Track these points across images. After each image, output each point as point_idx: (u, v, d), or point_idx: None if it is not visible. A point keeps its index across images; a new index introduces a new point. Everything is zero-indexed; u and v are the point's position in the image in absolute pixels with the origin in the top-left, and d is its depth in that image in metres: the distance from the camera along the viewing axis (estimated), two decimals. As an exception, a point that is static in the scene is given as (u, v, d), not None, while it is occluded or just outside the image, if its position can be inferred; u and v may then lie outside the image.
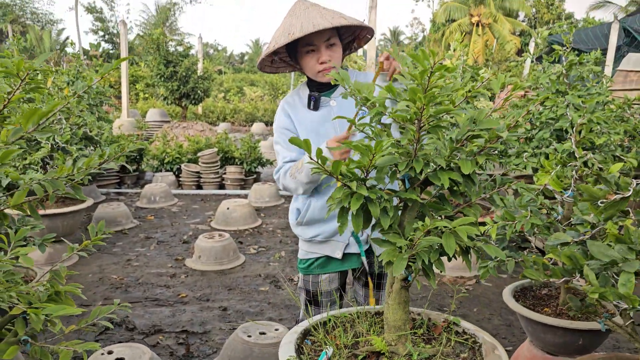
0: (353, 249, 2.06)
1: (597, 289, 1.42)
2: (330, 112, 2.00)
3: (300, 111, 2.02)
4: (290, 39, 1.82)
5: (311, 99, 1.99)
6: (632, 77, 6.06)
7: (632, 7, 25.99)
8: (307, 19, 1.85)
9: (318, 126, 1.99)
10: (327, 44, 1.92)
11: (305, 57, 1.95)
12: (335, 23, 1.82)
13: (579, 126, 2.45)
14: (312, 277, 2.12)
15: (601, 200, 1.53)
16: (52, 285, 1.53)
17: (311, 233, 2.05)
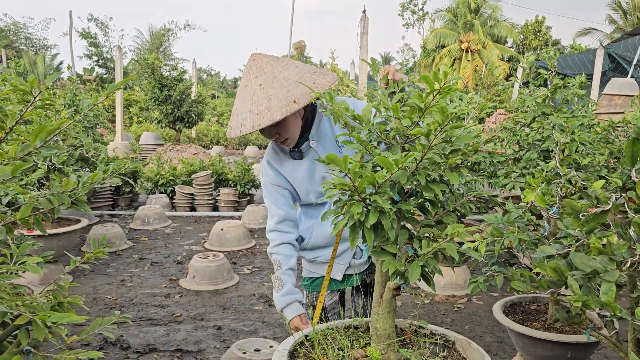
0: (351, 271, 2.15)
1: (580, 297, 1.48)
2: (314, 154, 2.02)
3: (288, 163, 2.04)
4: (243, 132, 1.80)
5: (294, 154, 2.01)
6: (617, 100, 6.23)
7: (616, 33, 26.65)
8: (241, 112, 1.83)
9: (311, 172, 2.03)
10: (275, 129, 1.89)
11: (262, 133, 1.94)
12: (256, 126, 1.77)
13: (563, 145, 2.54)
14: (316, 293, 2.22)
15: (582, 213, 1.60)
16: (54, 297, 1.57)
17: (314, 255, 2.16)
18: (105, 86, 1.45)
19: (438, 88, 1.32)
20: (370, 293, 2.25)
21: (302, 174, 2.04)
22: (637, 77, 10.55)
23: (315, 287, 2.21)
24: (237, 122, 1.85)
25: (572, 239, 1.91)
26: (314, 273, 2.20)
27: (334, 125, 2.04)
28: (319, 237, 2.11)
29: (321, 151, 2.02)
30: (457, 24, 29.16)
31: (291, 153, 2.02)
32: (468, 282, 2.31)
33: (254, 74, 1.87)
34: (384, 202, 1.28)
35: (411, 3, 34.39)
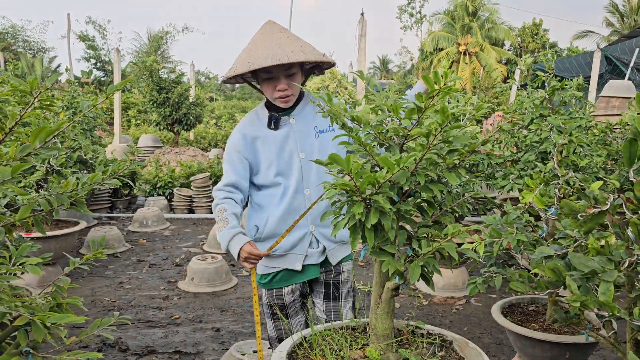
0: (311, 260, 2.11)
1: (579, 297, 1.48)
2: (290, 130, 2.08)
3: (263, 131, 2.09)
4: (249, 68, 1.90)
5: (272, 119, 2.07)
6: (614, 102, 6.25)
7: (614, 36, 26.74)
8: (268, 49, 1.92)
9: (282, 143, 2.06)
10: (286, 73, 1.99)
11: (264, 83, 2.03)
12: (292, 59, 1.89)
13: (560, 146, 2.55)
14: (276, 290, 2.15)
15: (580, 214, 1.61)
16: (53, 298, 1.57)
17: (269, 246, 2.09)
18: (103, 89, 1.46)
19: (438, 88, 1.33)
20: (332, 295, 2.22)
21: (272, 146, 2.06)
22: (634, 80, 10.59)
23: (275, 283, 2.14)
24: (264, 55, 1.89)
25: (570, 239, 1.92)
26: (271, 268, 2.13)
27: (317, 115, 2.10)
28: (274, 223, 2.06)
29: (297, 131, 2.08)
30: (454, 27, 29.22)
31: (271, 117, 2.06)
32: (467, 284, 2.32)
33: (278, 29, 2.02)
34: (384, 202, 1.29)
35: (409, 6, 34.46)
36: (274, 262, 2.12)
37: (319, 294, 2.24)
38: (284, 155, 2.06)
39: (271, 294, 2.17)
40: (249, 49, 1.99)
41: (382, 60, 45.48)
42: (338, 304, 2.22)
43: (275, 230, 2.07)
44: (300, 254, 2.09)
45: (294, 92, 2.04)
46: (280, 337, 2.22)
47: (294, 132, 2.08)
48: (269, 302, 2.19)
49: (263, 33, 2.03)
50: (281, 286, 2.14)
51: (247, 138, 2.09)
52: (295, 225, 2.06)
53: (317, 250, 2.12)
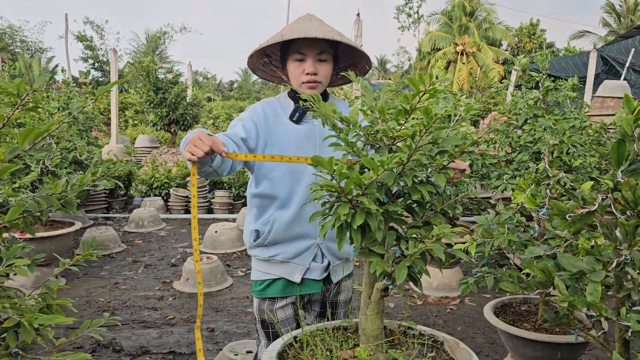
0: (313, 275, 1.94)
1: (567, 297, 1.49)
2: (313, 130, 1.92)
3: (282, 119, 1.92)
4: (280, 39, 1.78)
5: (298, 110, 1.90)
6: (609, 102, 6.27)
7: (610, 36, 26.80)
8: (303, 27, 1.82)
9: (302, 140, 1.89)
10: (317, 57, 1.86)
11: (292, 64, 1.88)
12: (328, 36, 1.77)
13: (552, 147, 2.56)
14: (268, 303, 1.95)
15: (569, 214, 1.62)
16: (43, 299, 1.57)
17: (271, 252, 1.92)
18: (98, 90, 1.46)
19: (424, 89, 1.34)
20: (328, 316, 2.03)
21: (290, 139, 1.88)
22: (629, 80, 10.62)
23: (271, 292, 1.94)
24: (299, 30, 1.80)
25: (560, 239, 1.93)
26: (269, 274, 1.94)
27: None
28: (280, 229, 1.88)
29: (319, 132, 1.92)
30: (452, 27, 29.26)
31: (297, 108, 1.90)
32: (459, 283, 2.32)
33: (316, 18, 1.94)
34: (370, 203, 1.29)
35: (407, 6, 34.49)
36: (272, 269, 1.93)
37: (313, 312, 2.05)
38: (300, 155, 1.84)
39: (262, 307, 1.96)
40: (285, 28, 1.88)
41: (380, 60, 45.52)
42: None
43: (283, 236, 1.89)
44: (301, 265, 1.92)
45: (323, 80, 1.89)
46: None
47: (315, 132, 1.92)
48: (261, 318, 1.98)
49: (299, 19, 1.94)
50: (275, 296, 1.94)
51: (268, 115, 1.90)
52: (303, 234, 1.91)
53: (321, 265, 1.94)
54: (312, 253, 1.93)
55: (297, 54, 1.86)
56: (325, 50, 1.88)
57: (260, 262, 1.96)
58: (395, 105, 1.47)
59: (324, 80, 1.91)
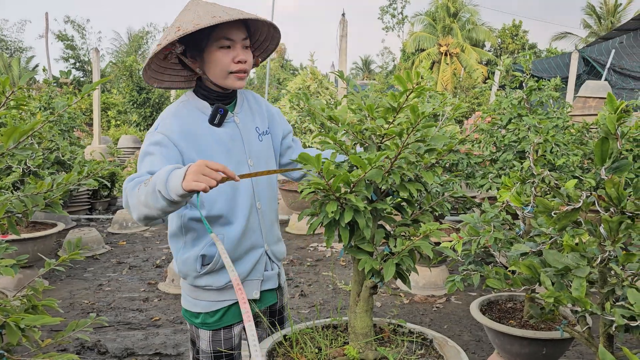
0: (269, 285, 1.82)
1: (553, 293, 1.51)
2: (236, 129, 1.71)
3: (201, 125, 1.65)
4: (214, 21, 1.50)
5: (219, 111, 1.66)
6: (591, 102, 6.37)
7: (591, 37, 27.23)
8: (219, 10, 1.57)
9: (228, 144, 1.68)
10: (243, 43, 1.64)
11: (217, 52, 1.60)
12: (261, 18, 1.60)
13: (536, 145, 2.59)
14: (224, 332, 1.75)
15: (554, 211, 1.64)
16: (29, 300, 1.55)
17: (225, 279, 1.70)
18: (82, 89, 1.44)
19: (411, 88, 1.35)
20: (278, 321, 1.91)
21: (216, 147, 1.65)
22: (610, 80, 10.80)
23: (225, 321, 1.75)
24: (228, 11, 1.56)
25: (545, 236, 1.95)
26: (222, 302, 1.73)
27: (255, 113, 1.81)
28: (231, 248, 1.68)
29: (243, 131, 1.73)
30: (436, 28, 29.46)
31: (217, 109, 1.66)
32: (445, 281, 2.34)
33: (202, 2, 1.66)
34: (358, 201, 1.30)
35: (391, 7, 34.66)
36: (226, 295, 1.72)
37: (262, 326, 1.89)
38: (232, 161, 1.67)
39: (218, 337, 1.75)
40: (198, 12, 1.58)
41: (365, 60, 45.65)
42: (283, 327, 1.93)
43: (234, 255, 1.69)
44: (257, 279, 1.77)
45: (249, 68, 1.67)
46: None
47: (240, 132, 1.72)
48: (213, 351, 1.75)
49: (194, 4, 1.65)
50: (232, 323, 1.76)
51: (183, 128, 1.62)
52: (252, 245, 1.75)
53: (274, 273, 1.82)
54: (263, 263, 1.79)
55: (225, 39, 1.59)
56: (246, 37, 1.65)
57: (211, 292, 1.72)
58: (383, 104, 1.48)
59: (250, 65, 1.68)
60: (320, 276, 4.78)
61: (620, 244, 1.50)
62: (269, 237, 1.81)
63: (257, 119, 1.80)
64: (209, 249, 1.67)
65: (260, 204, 1.75)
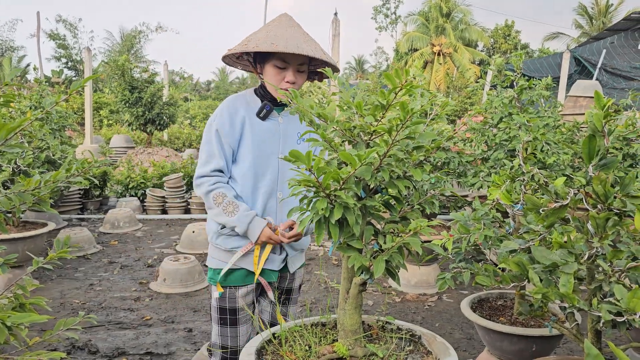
0: (271, 266, 2.05)
1: (540, 289, 1.52)
2: (277, 127, 2.04)
3: (249, 116, 2.01)
4: (273, 49, 1.86)
5: (265, 107, 2.00)
6: (582, 102, 6.40)
7: (583, 37, 27.38)
8: (292, 38, 1.91)
9: (265, 135, 2.01)
10: (298, 67, 1.98)
11: (273, 70, 1.97)
12: (317, 55, 1.90)
13: (526, 144, 2.60)
14: (230, 290, 2.05)
15: (543, 208, 1.65)
16: (16, 298, 1.54)
17: (233, 244, 2.02)
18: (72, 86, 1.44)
19: (400, 85, 1.35)
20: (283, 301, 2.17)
21: (255, 135, 2.00)
22: (601, 80, 10.86)
23: (230, 281, 2.04)
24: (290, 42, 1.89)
25: (534, 234, 1.96)
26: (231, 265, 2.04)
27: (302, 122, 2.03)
28: None
29: (282, 130, 2.04)
30: (429, 28, 29.54)
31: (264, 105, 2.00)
32: (437, 279, 2.35)
33: (296, 23, 2.04)
34: (348, 198, 1.30)
35: (384, 7, 34.70)
36: (233, 260, 2.03)
37: (267, 299, 2.17)
38: (264, 151, 2.00)
39: (224, 294, 2.05)
40: (269, 32, 1.95)
41: (358, 60, 45.68)
42: (287, 308, 2.19)
43: None
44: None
45: (298, 87, 2.01)
46: (225, 345, 2.11)
47: (279, 130, 2.04)
48: (219, 306, 2.07)
49: (281, 22, 2.02)
50: (236, 285, 2.05)
51: (234, 119, 2.00)
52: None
53: (280, 257, 2.07)
54: (270, 245, 2.03)
55: (280, 61, 1.95)
56: (305, 62, 2.00)
57: (222, 252, 2.05)
58: (372, 102, 1.48)
59: (299, 88, 2.03)
60: (312, 275, 4.79)
61: (609, 240, 1.51)
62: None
63: (302, 126, 2.04)
64: None
65: (281, 194, 2.04)
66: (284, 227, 1.99)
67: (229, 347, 2.10)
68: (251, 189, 2.01)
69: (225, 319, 2.07)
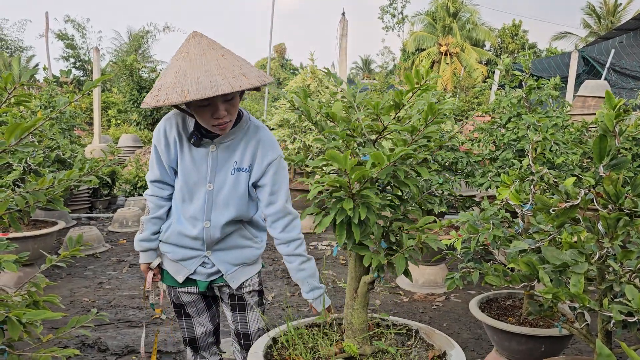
0: (199, 277, 2.06)
1: (551, 289, 1.52)
2: (207, 155, 1.94)
3: (183, 140, 1.95)
4: (184, 99, 1.63)
5: (192, 137, 1.91)
6: (590, 102, 6.38)
7: (591, 37, 27.23)
8: (204, 75, 1.66)
9: (198, 162, 1.95)
10: (224, 99, 1.77)
11: (199, 110, 1.79)
12: (236, 87, 1.67)
13: (535, 144, 2.60)
14: (171, 288, 2.12)
15: (553, 208, 1.65)
16: (30, 296, 1.56)
17: (165, 248, 2.08)
18: (83, 88, 1.45)
19: (418, 85, 1.36)
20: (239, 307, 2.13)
21: (187, 160, 1.95)
22: (610, 80, 10.80)
23: (168, 280, 2.11)
24: (202, 82, 1.64)
25: (544, 234, 1.96)
26: (166, 267, 2.11)
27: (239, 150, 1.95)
28: (174, 234, 2.02)
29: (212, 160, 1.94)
30: (436, 28, 29.47)
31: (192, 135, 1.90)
32: (445, 278, 2.35)
33: (210, 46, 1.76)
34: (375, 198, 1.31)
35: (391, 7, 34.67)
36: (166, 263, 2.10)
37: (226, 304, 2.17)
38: (193, 177, 1.96)
39: (170, 291, 2.14)
40: (177, 73, 1.70)
41: (365, 60, 45.65)
42: (245, 314, 2.14)
43: (174, 239, 2.03)
44: (187, 268, 2.05)
45: (233, 117, 1.86)
46: (184, 337, 2.24)
47: (209, 159, 1.95)
48: (172, 301, 2.16)
49: (189, 51, 1.74)
50: (174, 286, 2.10)
51: (168, 139, 1.95)
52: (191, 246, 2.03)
53: (208, 271, 2.05)
54: (198, 262, 2.05)
55: (202, 101, 1.72)
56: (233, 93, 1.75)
57: (162, 254, 2.13)
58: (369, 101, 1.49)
59: (234, 116, 1.87)
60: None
61: (619, 241, 1.51)
62: (214, 246, 2.04)
63: (238, 155, 1.95)
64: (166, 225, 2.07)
65: (208, 223, 1.98)
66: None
67: (187, 338, 2.22)
68: (180, 212, 2.02)
69: (180, 312, 2.18)
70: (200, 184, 1.96)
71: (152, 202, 2.06)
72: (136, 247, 2.09)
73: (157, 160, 2.02)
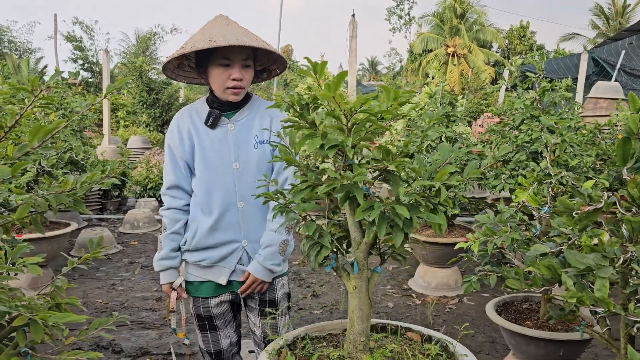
0: (237, 278, 2.01)
1: (575, 293, 1.51)
2: (227, 134, 1.95)
3: (199, 127, 1.96)
4: (211, 45, 1.75)
5: (211, 115, 1.93)
6: (602, 103, 6.34)
7: (599, 38, 27.08)
8: (230, 33, 1.81)
9: (217, 145, 1.95)
10: (243, 63, 1.88)
11: (217, 69, 1.87)
12: (258, 44, 1.81)
13: (553, 146, 2.58)
14: (202, 300, 2.04)
15: (576, 211, 1.63)
16: (52, 298, 1.56)
17: (197, 257, 2.00)
18: (91, 90, 1.46)
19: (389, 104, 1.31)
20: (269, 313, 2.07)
21: (206, 146, 1.95)
22: (620, 81, 10.73)
23: (201, 292, 2.03)
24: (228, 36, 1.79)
25: (564, 237, 1.95)
26: (199, 277, 2.03)
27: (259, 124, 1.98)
28: (203, 236, 1.97)
29: (233, 137, 1.95)
30: (443, 29, 29.40)
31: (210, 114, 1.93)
32: (460, 283, 2.34)
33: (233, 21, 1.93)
34: None
35: (398, 8, 34.62)
36: (200, 272, 2.02)
37: (253, 310, 2.11)
38: (215, 161, 1.94)
39: (197, 303, 2.06)
40: (207, 31, 1.85)
41: (371, 61, 45.61)
42: (275, 320, 2.08)
43: (206, 242, 1.97)
44: (227, 267, 1.99)
45: (246, 85, 1.93)
46: (209, 350, 2.14)
47: (229, 138, 1.95)
48: (196, 314, 2.09)
49: (216, 22, 1.92)
50: (207, 296, 2.03)
51: (182, 131, 1.97)
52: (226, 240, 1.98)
53: (245, 268, 2.01)
54: (237, 256, 2.00)
55: (224, 59, 1.85)
56: (249, 56, 1.91)
57: (190, 265, 2.04)
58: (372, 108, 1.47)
59: (247, 86, 1.95)
60: (331, 277, 4.79)
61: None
62: (251, 234, 2.00)
63: (256, 128, 1.98)
64: (188, 233, 2.01)
65: (242, 204, 1.96)
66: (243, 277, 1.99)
67: (212, 351, 2.14)
68: (205, 202, 1.97)
69: (205, 325, 2.10)
70: (225, 166, 1.94)
71: (168, 217, 2.02)
72: (156, 267, 2.03)
73: (171, 161, 2.00)
